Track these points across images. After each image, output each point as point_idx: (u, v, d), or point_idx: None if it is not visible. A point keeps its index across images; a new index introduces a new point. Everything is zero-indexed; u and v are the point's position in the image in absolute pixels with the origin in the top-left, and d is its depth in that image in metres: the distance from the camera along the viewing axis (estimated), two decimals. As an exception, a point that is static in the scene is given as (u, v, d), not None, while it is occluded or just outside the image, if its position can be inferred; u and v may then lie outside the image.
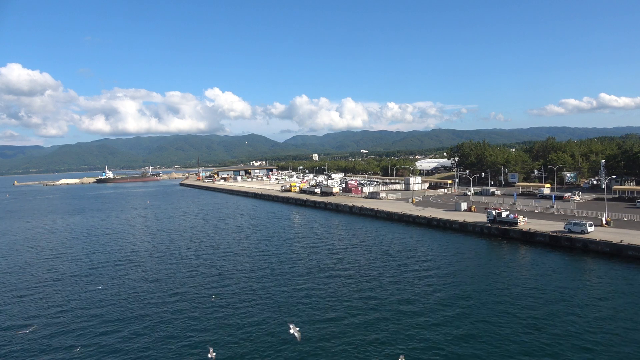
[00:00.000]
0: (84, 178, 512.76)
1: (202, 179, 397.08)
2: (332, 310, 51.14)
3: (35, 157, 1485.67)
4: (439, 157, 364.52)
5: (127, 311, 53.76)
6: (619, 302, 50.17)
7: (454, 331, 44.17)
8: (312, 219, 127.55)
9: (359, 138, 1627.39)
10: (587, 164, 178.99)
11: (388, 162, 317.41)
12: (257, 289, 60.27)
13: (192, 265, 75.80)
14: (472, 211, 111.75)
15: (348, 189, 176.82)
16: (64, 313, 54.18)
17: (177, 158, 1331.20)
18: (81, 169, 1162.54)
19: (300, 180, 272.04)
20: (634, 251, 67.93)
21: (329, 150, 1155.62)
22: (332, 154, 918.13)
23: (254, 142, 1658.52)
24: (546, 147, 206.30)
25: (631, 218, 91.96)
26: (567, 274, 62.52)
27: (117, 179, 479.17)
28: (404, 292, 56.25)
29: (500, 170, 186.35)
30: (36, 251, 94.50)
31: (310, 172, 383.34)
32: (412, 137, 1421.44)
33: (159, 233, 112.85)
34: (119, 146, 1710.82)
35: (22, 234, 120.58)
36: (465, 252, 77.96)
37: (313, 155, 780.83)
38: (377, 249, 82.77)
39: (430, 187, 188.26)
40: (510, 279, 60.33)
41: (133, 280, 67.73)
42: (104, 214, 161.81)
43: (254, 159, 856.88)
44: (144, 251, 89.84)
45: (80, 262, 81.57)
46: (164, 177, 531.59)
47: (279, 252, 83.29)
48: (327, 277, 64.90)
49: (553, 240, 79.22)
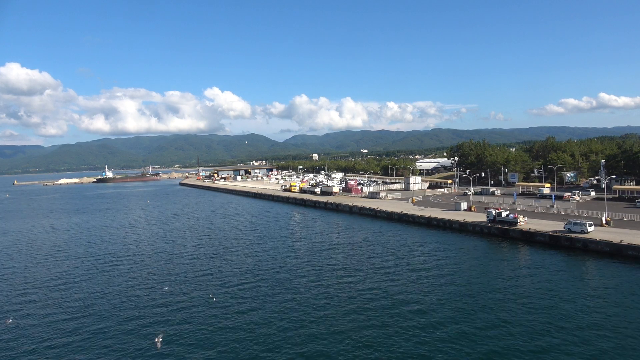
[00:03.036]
0: (84, 178, 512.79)
1: (202, 178, 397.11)
2: (327, 309, 51.12)
3: (35, 156, 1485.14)
4: (439, 156, 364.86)
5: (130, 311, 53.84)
6: (618, 302, 50.11)
7: (453, 331, 44.10)
8: (312, 219, 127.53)
9: (358, 138, 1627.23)
10: (587, 164, 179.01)
11: (388, 161, 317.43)
12: (257, 289, 60.25)
13: (192, 265, 75.75)
14: (472, 211, 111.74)
15: (348, 188, 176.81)
16: (72, 317, 54.20)
17: (177, 158, 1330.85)
18: (81, 168, 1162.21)
19: (300, 179, 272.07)
20: (633, 251, 67.91)
21: (328, 150, 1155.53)
22: (332, 153, 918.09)
23: (254, 142, 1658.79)
24: (546, 146, 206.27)
25: (631, 218, 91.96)
26: (567, 273, 62.45)
27: (117, 179, 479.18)
28: (403, 292, 56.17)
29: (500, 170, 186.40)
30: (38, 251, 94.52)
31: (310, 171, 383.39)
32: (412, 136, 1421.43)
33: (159, 233, 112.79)
34: (118, 146, 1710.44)
35: (22, 235, 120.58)
36: (465, 251, 77.93)
37: (313, 155, 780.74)
38: (377, 248, 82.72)
39: (430, 187, 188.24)
40: (510, 279, 60.27)
41: (134, 279, 67.79)
42: (105, 214, 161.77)
43: (254, 159, 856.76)
44: (145, 251, 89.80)
45: (83, 262, 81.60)
46: (163, 177, 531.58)
47: (278, 252, 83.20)
48: (327, 276, 64.86)
49: (553, 240, 79.20)
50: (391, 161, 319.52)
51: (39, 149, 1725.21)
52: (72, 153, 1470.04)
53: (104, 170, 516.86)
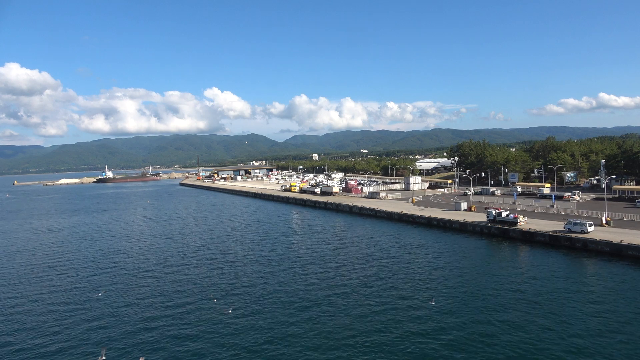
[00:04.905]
0: (84, 178, 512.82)
1: (202, 178, 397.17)
2: (326, 308, 51.20)
3: (35, 156, 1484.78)
4: (439, 156, 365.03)
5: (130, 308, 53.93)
6: (618, 302, 50.17)
7: (451, 331, 44.16)
8: (312, 219, 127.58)
9: (358, 138, 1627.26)
10: (587, 164, 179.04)
11: (388, 161, 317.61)
12: (257, 289, 60.32)
13: (191, 264, 75.83)
14: (472, 211, 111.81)
15: (348, 188, 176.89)
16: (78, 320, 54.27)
17: (177, 158, 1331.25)
18: (81, 168, 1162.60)
19: (300, 180, 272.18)
20: (634, 251, 67.99)
21: (328, 150, 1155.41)
22: (332, 153, 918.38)
23: (254, 142, 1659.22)
24: (546, 146, 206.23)
25: (631, 218, 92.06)
26: (567, 273, 62.50)
27: (117, 179, 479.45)
28: (403, 292, 56.24)
29: (500, 170, 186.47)
30: (38, 252, 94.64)
31: (310, 171, 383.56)
32: (412, 136, 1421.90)
33: (159, 233, 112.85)
34: (118, 146, 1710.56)
35: (23, 235, 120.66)
36: (465, 251, 78.01)
37: (313, 155, 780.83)
38: (377, 248, 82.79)
39: (430, 187, 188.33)
40: (510, 279, 60.32)
41: (135, 279, 67.89)
42: (106, 214, 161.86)
43: (254, 159, 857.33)
44: (145, 251, 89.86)
45: (84, 262, 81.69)
46: (163, 177, 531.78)
47: (279, 252, 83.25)
48: (326, 276, 64.90)
49: (553, 239, 79.27)
50: (391, 161, 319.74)
51: (39, 149, 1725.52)
52: (72, 153, 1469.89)
53: (104, 170, 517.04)
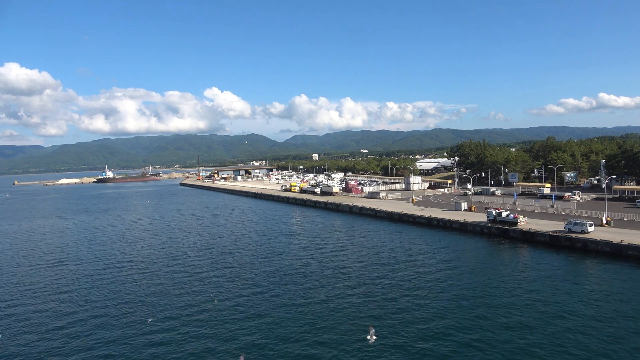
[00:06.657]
0: (84, 178, 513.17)
1: (202, 178, 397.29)
2: (324, 309, 51.21)
3: (35, 156, 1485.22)
4: (439, 156, 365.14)
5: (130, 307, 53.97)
6: (619, 302, 50.18)
7: (451, 331, 44.20)
8: (312, 219, 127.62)
9: (359, 138, 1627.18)
10: (587, 164, 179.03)
11: (388, 161, 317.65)
12: (257, 289, 60.37)
13: (191, 264, 75.88)
14: (472, 211, 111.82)
15: (348, 188, 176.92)
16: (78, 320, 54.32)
17: (177, 158, 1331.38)
18: (81, 168, 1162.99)
19: (301, 180, 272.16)
20: (634, 251, 67.98)
21: (329, 150, 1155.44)
22: (332, 153, 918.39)
23: (254, 142, 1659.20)
24: (546, 146, 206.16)
25: (631, 218, 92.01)
26: (567, 273, 62.51)
27: (117, 179, 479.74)
28: (403, 292, 56.27)
29: (500, 170, 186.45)
30: (38, 251, 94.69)
31: (311, 171, 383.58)
32: (412, 136, 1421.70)
33: (159, 233, 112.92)
34: (119, 146, 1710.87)
35: (24, 235, 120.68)
36: (465, 251, 78.05)
37: (313, 155, 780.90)
38: (377, 248, 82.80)
39: (430, 187, 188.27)
40: (510, 279, 60.34)
41: (135, 279, 67.95)
42: (106, 214, 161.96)
43: (254, 159, 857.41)
44: (145, 251, 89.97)
45: (83, 263, 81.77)
46: (164, 177, 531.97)
47: (278, 252, 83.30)
48: (325, 276, 64.94)
49: (553, 240, 79.28)
50: (391, 161, 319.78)
51: (39, 149, 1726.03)
52: (72, 153, 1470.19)
53: (104, 170, 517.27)
